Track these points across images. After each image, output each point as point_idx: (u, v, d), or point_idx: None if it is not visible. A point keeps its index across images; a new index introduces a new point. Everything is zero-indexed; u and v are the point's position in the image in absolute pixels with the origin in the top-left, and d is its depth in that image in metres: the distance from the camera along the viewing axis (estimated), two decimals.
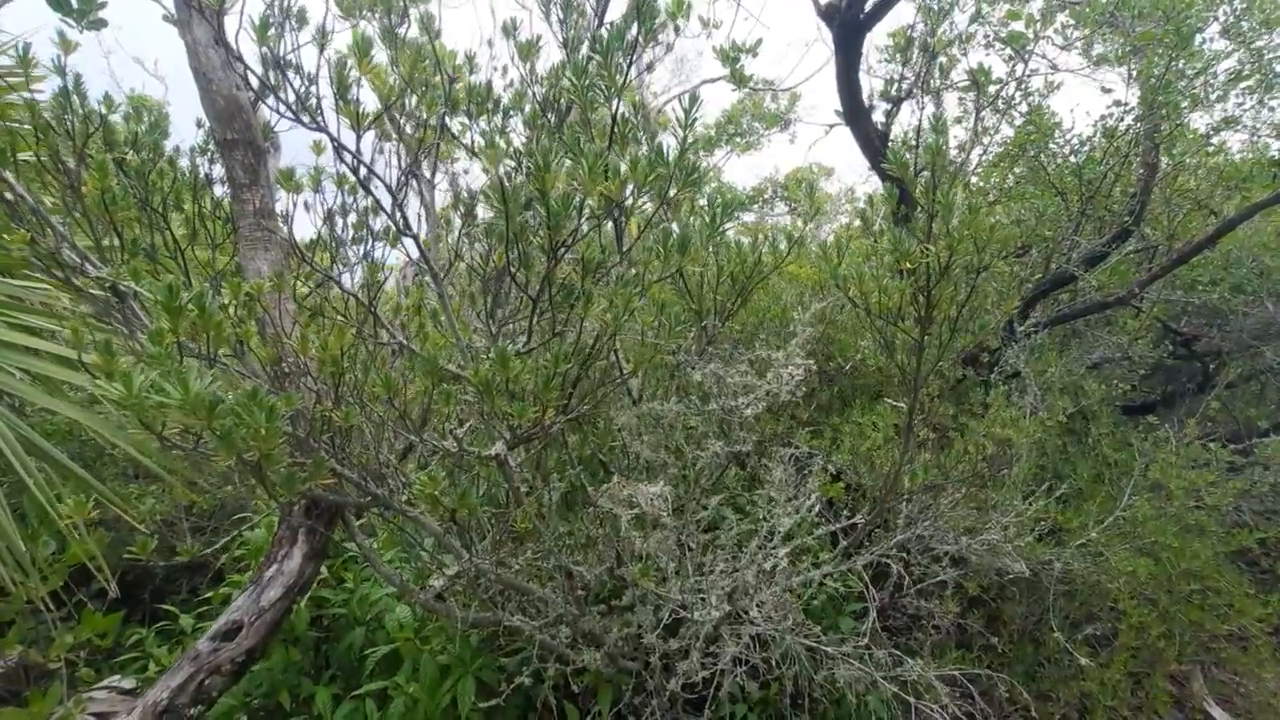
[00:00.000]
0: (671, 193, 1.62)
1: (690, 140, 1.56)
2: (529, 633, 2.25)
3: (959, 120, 4.90)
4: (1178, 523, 3.37)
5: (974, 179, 5.86)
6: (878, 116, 3.40)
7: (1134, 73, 3.86)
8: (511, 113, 2.24)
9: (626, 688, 2.77)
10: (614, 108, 1.52)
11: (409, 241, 1.91)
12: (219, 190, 2.30)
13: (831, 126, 5.06)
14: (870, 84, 3.50)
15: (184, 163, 2.24)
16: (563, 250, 1.40)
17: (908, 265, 1.90)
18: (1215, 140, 4.88)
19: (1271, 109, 4.41)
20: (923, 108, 3.42)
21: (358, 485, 1.65)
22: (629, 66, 1.50)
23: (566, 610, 2.16)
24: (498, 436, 1.43)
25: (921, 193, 1.84)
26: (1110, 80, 3.93)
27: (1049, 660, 4.16)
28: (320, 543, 1.95)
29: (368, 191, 1.95)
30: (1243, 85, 4.27)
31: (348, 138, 1.76)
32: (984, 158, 5.03)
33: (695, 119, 1.54)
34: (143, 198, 1.97)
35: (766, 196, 10.59)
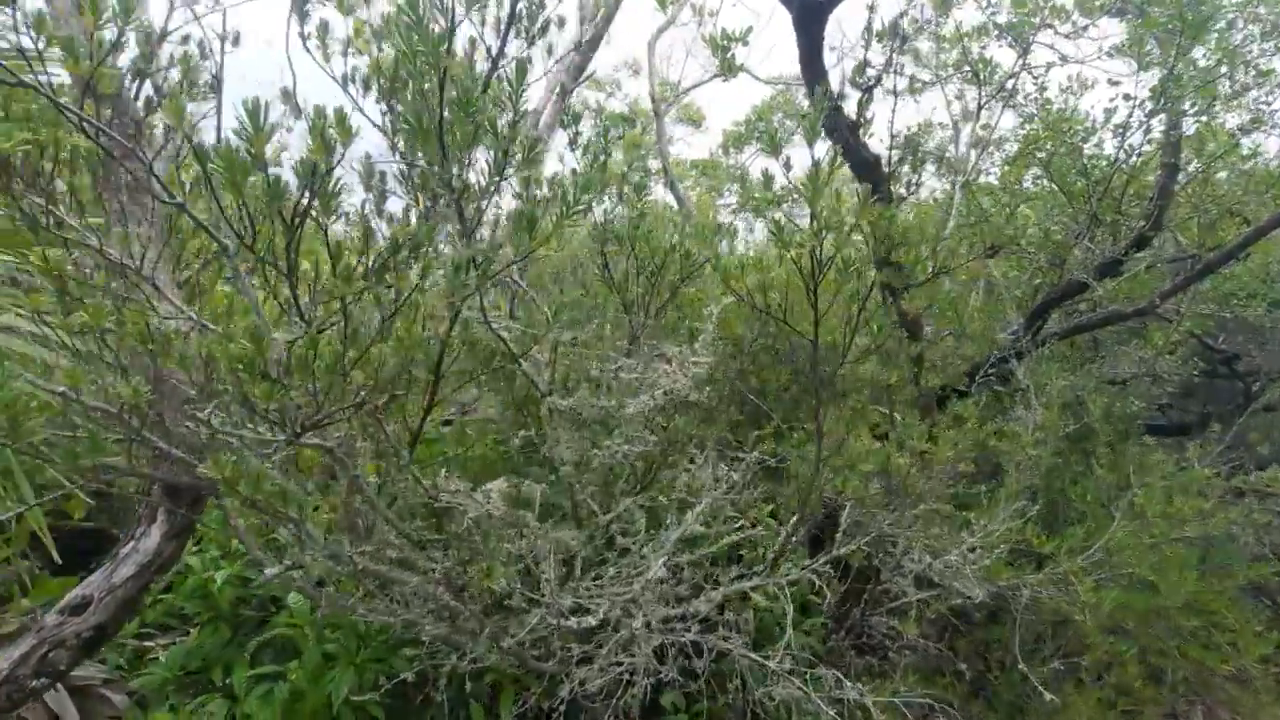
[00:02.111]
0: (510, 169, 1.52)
1: (520, 113, 1.45)
2: (420, 625, 2.18)
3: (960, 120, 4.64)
4: (1157, 553, 3.08)
5: (985, 177, 5.55)
6: (850, 107, 3.20)
7: (1143, 62, 3.54)
8: None
9: (535, 690, 2.67)
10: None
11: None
12: None
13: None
14: (844, 70, 3.31)
15: None
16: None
17: (795, 254, 1.76)
18: (1249, 144, 4.46)
19: None
20: (895, 95, 3.21)
21: (188, 466, 1.61)
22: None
23: (447, 604, 2.08)
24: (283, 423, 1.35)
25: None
26: (1121, 72, 3.63)
27: (1033, 693, 3.90)
28: (182, 523, 1.92)
29: None
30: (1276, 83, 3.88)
31: None
32: (984, 153, 4.75)
33: (525, 87, 1.43)
34: None
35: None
